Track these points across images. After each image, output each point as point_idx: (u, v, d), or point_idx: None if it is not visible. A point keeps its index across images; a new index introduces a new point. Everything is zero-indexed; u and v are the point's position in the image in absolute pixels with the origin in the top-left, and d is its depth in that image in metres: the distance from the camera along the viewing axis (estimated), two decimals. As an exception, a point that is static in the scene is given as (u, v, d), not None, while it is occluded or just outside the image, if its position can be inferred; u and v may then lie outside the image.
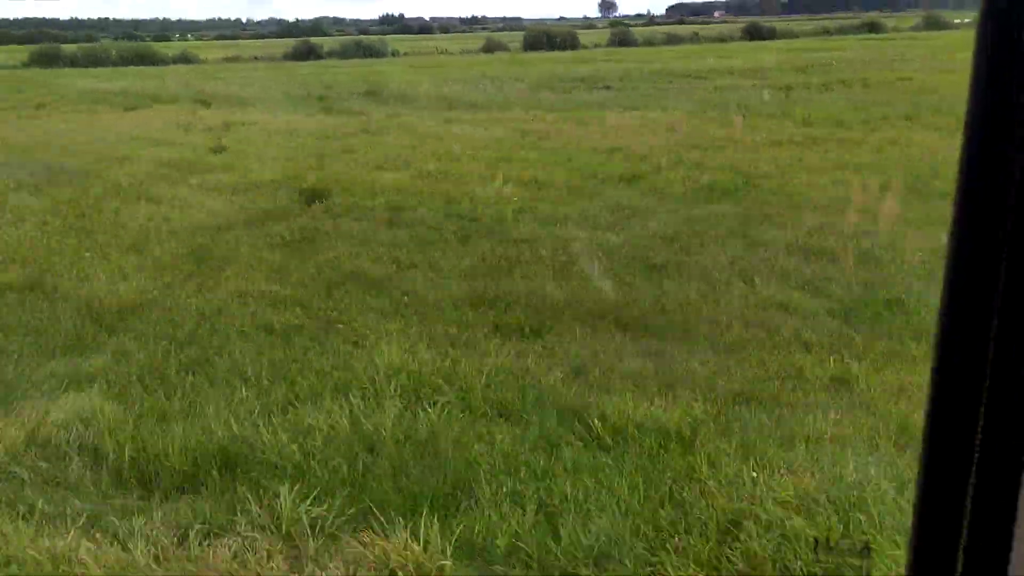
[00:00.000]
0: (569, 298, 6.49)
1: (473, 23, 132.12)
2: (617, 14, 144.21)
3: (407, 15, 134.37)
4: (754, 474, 3.72)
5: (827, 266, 7.12)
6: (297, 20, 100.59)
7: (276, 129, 16.91)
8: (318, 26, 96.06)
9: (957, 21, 63.52)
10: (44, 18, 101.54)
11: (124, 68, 44.34)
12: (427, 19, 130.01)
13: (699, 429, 4.23)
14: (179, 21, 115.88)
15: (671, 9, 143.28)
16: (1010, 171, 0.88)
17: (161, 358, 5.37)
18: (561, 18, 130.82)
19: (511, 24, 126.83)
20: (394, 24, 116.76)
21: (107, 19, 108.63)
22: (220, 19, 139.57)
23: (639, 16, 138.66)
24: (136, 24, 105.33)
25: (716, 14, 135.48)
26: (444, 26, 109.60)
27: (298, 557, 3.33)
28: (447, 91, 25.09)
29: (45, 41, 58.61)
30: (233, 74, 36.14)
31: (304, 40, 52.06)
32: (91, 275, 7.22)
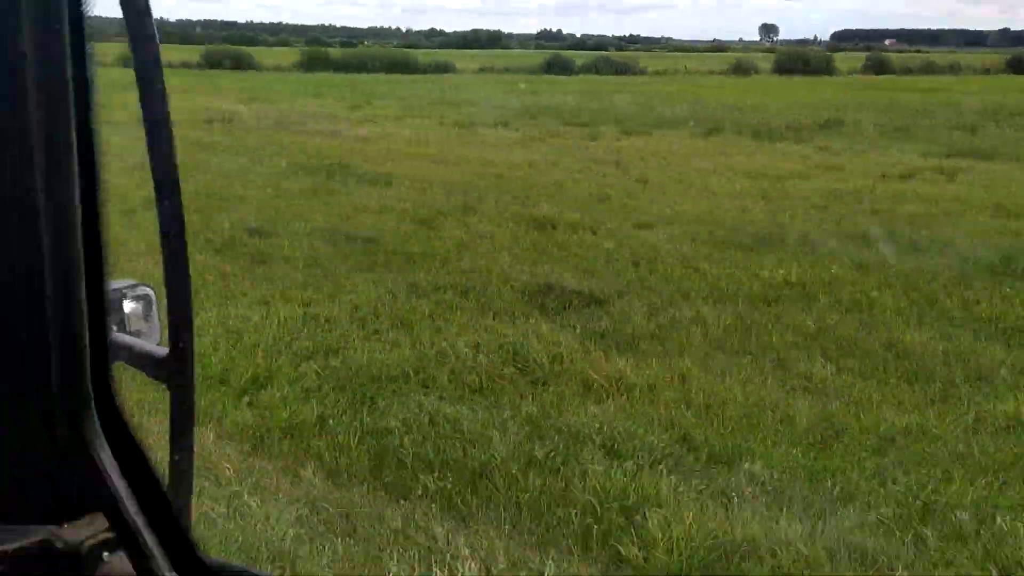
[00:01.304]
0: None
1: (629, 42, 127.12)
2: (779, 38, 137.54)
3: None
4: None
5: None
6: (459, 31, 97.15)
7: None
8: (497, 38, 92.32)
9: None
10: (222, 20, 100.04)
11: (388, 75, 40.42)
12: (577, 36, 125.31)
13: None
14: (343, 28, 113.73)
15: (836, 35, 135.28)
16: None
17: None
18: (715, 40, 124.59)
19: (667, 45, 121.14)
20: (552, 40, 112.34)
21: (279, 23, 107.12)
22: (381, 27, 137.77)
23: (803, 41, 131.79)
24: (305, 30, 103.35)
25: (887, 42, 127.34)
26: (603, 44, 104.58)
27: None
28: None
29: (228, 43, 55.99)
30: (595, 87, 31.42)
31: (555, 54, 47.67)
32: None
